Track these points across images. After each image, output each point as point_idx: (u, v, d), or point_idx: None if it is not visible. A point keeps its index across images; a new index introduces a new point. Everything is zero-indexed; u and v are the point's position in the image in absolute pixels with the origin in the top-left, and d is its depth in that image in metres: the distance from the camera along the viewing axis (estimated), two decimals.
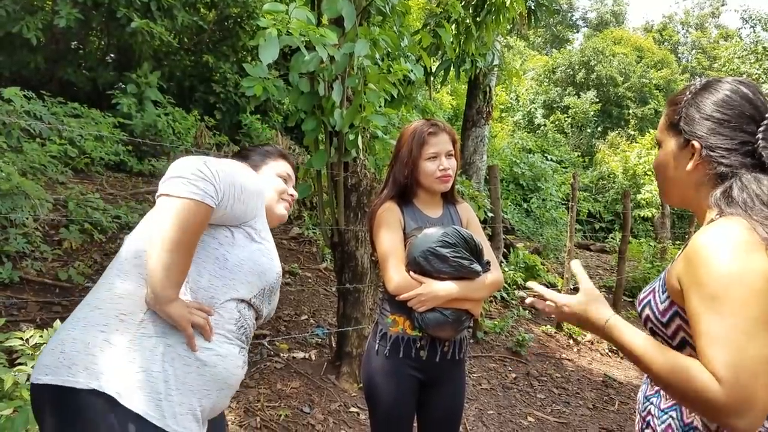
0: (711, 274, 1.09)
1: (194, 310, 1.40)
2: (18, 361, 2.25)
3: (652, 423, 1.30)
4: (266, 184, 1.75)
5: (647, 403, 1.33)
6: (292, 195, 1.84)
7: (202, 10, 7.32)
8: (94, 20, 6.23)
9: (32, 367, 2.17)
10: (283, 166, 1.84)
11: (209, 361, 1.42)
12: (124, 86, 6.34)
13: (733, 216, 1.14)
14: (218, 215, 1.44)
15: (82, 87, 6.62)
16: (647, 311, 1.29)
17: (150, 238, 1.35)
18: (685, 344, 1.22)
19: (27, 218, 3.84)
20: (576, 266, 1.45)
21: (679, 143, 1.28)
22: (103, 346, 1.33)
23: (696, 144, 1.23)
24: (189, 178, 1.34)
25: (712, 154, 1.21)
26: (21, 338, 2.31)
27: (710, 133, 1.22)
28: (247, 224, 1.55)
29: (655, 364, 1.16)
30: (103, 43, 7.17)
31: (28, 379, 2.15)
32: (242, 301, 1.53)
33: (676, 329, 1.22)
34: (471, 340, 5.36)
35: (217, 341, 1.45)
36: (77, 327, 1.37)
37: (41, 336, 2.32)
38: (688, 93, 1.29)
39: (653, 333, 1.29)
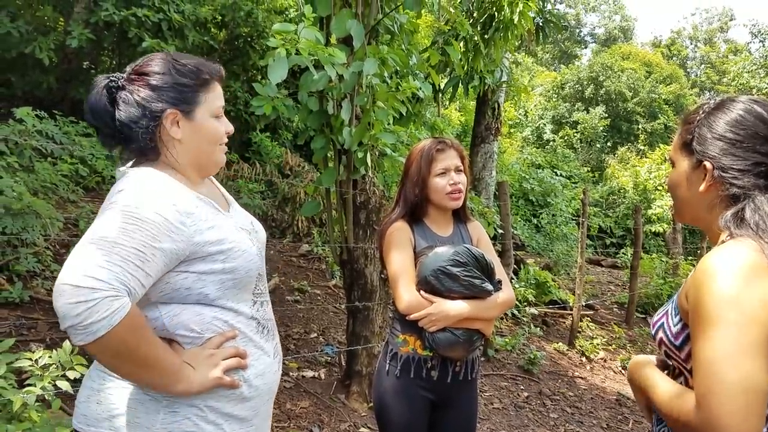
0: (710, 296, 1.07)
1: (218, 355, 1.33)
2: (27, 381, 2.24)
3: None
4: (202, 136, 1.41)
5: (662, 426, 1.30)
6: (228, 132, 1.49)
7: (212, 29, 7.38)
8: (106, 40, 6.30)
9: (41, 389, 2.16)
10: (215, 100, 1.44)
11: (251, 389, 1.40)
12: None
13: (743, 238, 1.12)
14: (152, 284, 1.25)
15: None
16: (661, 334, 1.26)
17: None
18: None
19: (38, 237, 3.85)
20: None
21: (691, 163, 1.26)
22: (143, 400, 1.30)
23: (708, 165, 1.21)
24: (80, 322, 1.11)
25: (724, 175, 1.19)
26: (30, 359, 2.30)
27: (723, 154, 1.20)
28: (192, 254, 1.30)
29: (659, 396, 1.20)
30: (114, 62, 7.24)
31: (36, 401, 2.15)
32: (253, 301, 1.45)
33: (690, 353, 1.18)
34: (482, 358, 5.31)
35: (253, 359, 1.40)
36: (109, 376, 1.33)
37: (50, 356, 2.31)
38: (701, 112, 1.27)
39: (667, 356, 1.27)
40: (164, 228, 1.23)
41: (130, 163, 1.40)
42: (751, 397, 1.00)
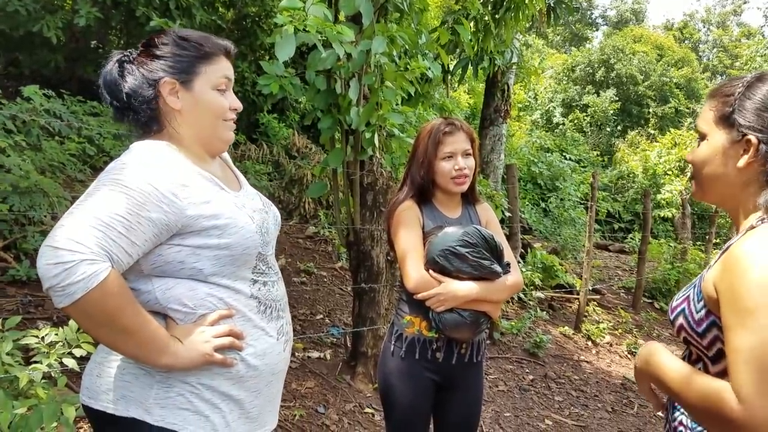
0: (747, 286, 1.02)
1: (209, 331, 1.30)
2: (33, 359, 2.25)
3: None
4: (202, 108, 1.40)
5: (678, 413, 1.27)
6: (235, 108, 1.46)
7: (220, 9, 7.33)
8: (114, 19, 6.25)
9: (47, 366, 2.17)
10: (218, 71, 1.41)
11: (248, 369, 1.37)
12: None
13: None
14: (144, 255, 1.26)
15: None
16: (681, 320, 1.21)
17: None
18: (722, 356, 1.14)
19: (45, 216, 3.85)
20: None
21: (731, 138, 1.18)
22: (138, 374, 1.30)
23: (753, 139, 1.14)
24: (57, 283, 1.12)
25: None
26: (37, 336, 2.31)
27: None
28: (185, 228, 1.28)
29: (673, 378, 1.16)
30: (122, 42, 7.20)
31: (43, 378, 2.16)
32: (252, 280, 1.40)
33: (713, 340, 1.15)
34: (487, 341, 5.32)
35: (252, 339, 1.37)
36: (112, 350, 1.32)
37: (57, 334, 2.31)
38: (740, 85, 1.19)
39: (687, 343, 1.23)
40: (154, 198, 1.23)
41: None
42: None
